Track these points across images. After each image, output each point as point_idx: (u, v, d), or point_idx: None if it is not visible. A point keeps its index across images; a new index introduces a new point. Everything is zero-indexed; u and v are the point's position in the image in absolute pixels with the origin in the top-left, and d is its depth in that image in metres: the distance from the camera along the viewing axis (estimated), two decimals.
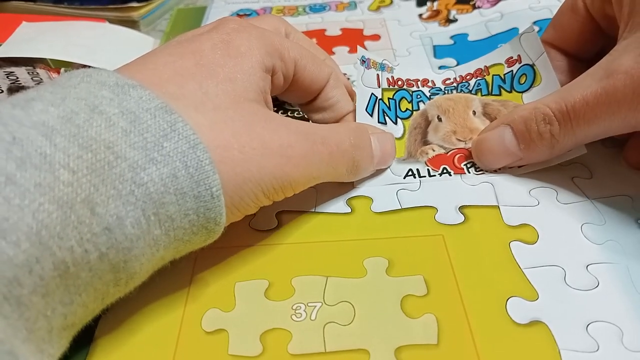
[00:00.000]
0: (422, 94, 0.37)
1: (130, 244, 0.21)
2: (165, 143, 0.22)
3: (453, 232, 0.29)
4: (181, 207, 0.23)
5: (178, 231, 0.23)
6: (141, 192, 0.21)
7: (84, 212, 0.20)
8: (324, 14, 0.52)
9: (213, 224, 0.24)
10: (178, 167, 0.22)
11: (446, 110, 0.35)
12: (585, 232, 0.28)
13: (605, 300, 0.25)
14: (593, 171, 0.32)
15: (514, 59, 0.35)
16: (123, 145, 0.21)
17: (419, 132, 0.35)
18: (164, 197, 0.22)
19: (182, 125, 0.23)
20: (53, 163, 0.19)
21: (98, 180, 0.20)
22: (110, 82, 0.23)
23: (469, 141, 0.34)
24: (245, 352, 0.24)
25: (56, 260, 0.19)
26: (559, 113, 0.29)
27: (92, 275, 0.21)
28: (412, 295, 0.26)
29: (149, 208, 0.22)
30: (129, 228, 0.21)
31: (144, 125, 0.22)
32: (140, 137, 0.22)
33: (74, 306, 0.21)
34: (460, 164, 0.33)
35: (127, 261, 0.22)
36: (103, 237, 0.20)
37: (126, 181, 0.21)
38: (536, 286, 0.26)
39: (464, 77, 0.37)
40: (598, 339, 0.24)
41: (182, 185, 0.22)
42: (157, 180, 0.22)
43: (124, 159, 0.21)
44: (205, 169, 0.23)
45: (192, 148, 0.23)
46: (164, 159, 0.22)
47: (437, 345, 0.24)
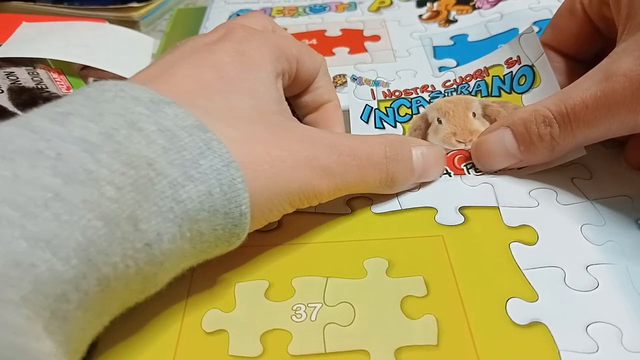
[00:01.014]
0: (422, 99, 0.37)
1: (164, 259, 0.22)
2: (201, 161, 0.22)
3: (453, 233, 0.29)
4: (212, 223, 0.23)
5: (204, 244, 0.23)
6: (180, 209, 0.22)
7: (128, 228, 0.20)
8: (324, 15, 0.52)
9: (236, 239, 0.25)
10: (213, 185, 0.22)
11: (446, 113, 0.35)
12: (585, 233, 0.28)
13: (605, 301, 0.25)
14: (593, 172, 0.32)
15: (513, 59, 0.35)
16: (163, 163, 0.21)
17: (418, 134, 0.35)
18: (198, 214, 0.22)
19: (217, 144, 0.23)
20: (98, 179, 0.20)
21: (141, 197, 0.21)
22: (145, 98, 0.23)
23: (468, 143, 0.34)
24: (246, 353, 0.24)
25: (100, 276, 0.20)
26: (559, 115, 0.29)
27: (125, 289, 0.21)
28: (412, 296, 0.26)
29: (185, 224, 0.22)
30: (166, 244, 0.21)
31: (181, 143, 0.22)
32: (179, 154, 0.22)
33: (104, 317, 0.21)
34: (460, 164, 0.33)
35: (158, 274, 0.22)
36: (143, 253, 0.21)
37: (167, 198, 0.21)
38: (536, 287, 0.26)
39: (464, 78, 0.37)
40: (598, 339, 0.24)
41: (215, 203, 0.23)
42: (194, 197, 0.22)
43: (165, 176, 0.21)
44: (237, 187, 0.23)
45: (226, 166, 0.23)
46: (201, 177, 0.22)
47: (437, 346, 0.24)
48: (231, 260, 0.28)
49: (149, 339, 0.25)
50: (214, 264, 0.28)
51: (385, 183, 0.30)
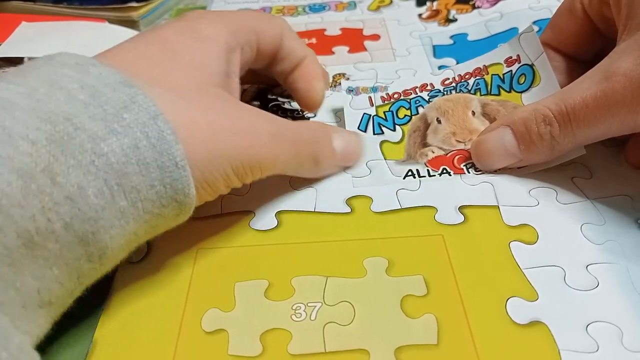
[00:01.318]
0: (421, 99, 0.37)
1: (96, 214, 0.21)
2: (125, 114, 0.22)
3: (453, 232, 0.29)
4: (145, 177, 0.23)
5: (146, 203, 0.23)
6: (102, 162, 0.21)
7: (44, 181, 0.20)
8: (323, 14, 0.52)
9: (182, 196, 0.24)
10: (139, 138, 0.22)
11: (445, 112, 0.35)
12: (585, 232, 0.28)
13: (605, 300, 0.25)
14: (593, 171, 0.32)
15: (513, 58, 0.35)
16: (82, 117, 0.21)
17: (418, 135, 0.35)
18: (126, 168, 0.22)
19: (143, 98, 0.23)
20: (12, 135, 0.20)
21: (57, 150, 0.21)
22: (71, 61, 0.23)
23: (468, 142, 0.34)
24: (245, 352, 0.24)
25: (19, 229, 0.19)
26: (559, 114, 0.29)
27: (60, 247, 0.21)
28: (411, 295, 0.26)
29: (112, 178, 0.22)
30: (92, 198, 0.21)
31: (104, 98, 0.22)
32: (100, 109, 0.22)
33: (47, 281, 0.21)
34: (460, 164, 0.33)
35: (95, 233, 0.22)
36: (65, 207, 0.21)
37: (86, 151, 0.21)
38: (536, 286, 0.26)
39: (463, 76, 0.37)
40: (598, 339, 0.24)
41: (144, 156, 0.22)
42: (117, 150, 0.22)
43: (84, 130, 0.21)
44: (167, 139, 0.23)
45: (152, 119, 0.23)
46: (124, 130, 0.22)
47: (437, 345, 0.24)
48: (231, 260, 0.28)
49: (148, 338, 0.25)
50: (214, 263, 0.28)
51: (313, 162, 0.31)
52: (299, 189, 0.32)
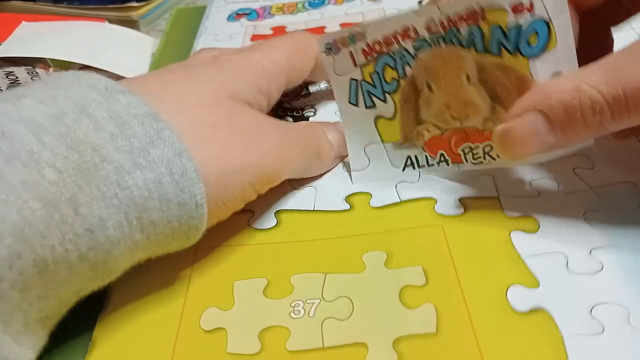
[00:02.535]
0: (407, 53, 0.31)
1: (111, 246, 0.22)
2: (151, 149, 0.22)
3: (453, 223, 0.29)
4: (165, 213, 0.23)
5: (159, 236, 0.23)
6: (125, 196, 0.22)
7: (67, 211, 0.20)
8: (323, 9, 0.52)
9: (194, 231, 0.24)
10: (163, 174, 0.22)
11: (436, 75, 0.30)
12: (588, 219, 0.28)
13: (610, 282, 0.25)
14: (595, 161, 0.31)
15: (523, 5, 0.26)
16: (110, 149, 0.22)
17: (410, 108, 0.32)
18: (147, 202, 0.22)
19: (169, 133, 0.23)
20: (40, 161, 0.20)
21: (83, 181, 0.21)
22: (100, 86, 0.23)
23: (464, 119, 0.30)
24: (244, 350, 0.24)
25: (37, 258, 0.20)
26: (613, 100, 0.22)
27: (71, 274, 0.21)
28: (410, 286, 0.26)
29: (132, 212, 0.22)
30: (111, 230, 0.21)
31: (132, 130, 0.22)
32: (127, 141, 0.22)
33: (50, 300, 0.21)
34: (457, 148, 0.30)
35: (106, 262, 0.22)
36: (85, 238, 0.21)
37: (111, 184, 0.21)
38: (537, 274, 0.25)
39: (453, 20, 0.29)
40: (603, 321, 0.23)
41: (166, 192, 0.23)
42: (141, 184, 0.22)
43: (110, 162, 0.21)
44: (190, 176, 0.23)
45: (177, 155, 0.23)
46: (149, 165, 0.22)
47: (436, 334, 0.24)
48: (230, 258, 0.28)
49: (147, 337, 0.25)
50: (213, 262, 0.28)
51: (317, 156, 0.32)
52: (299, 188, 0.32)
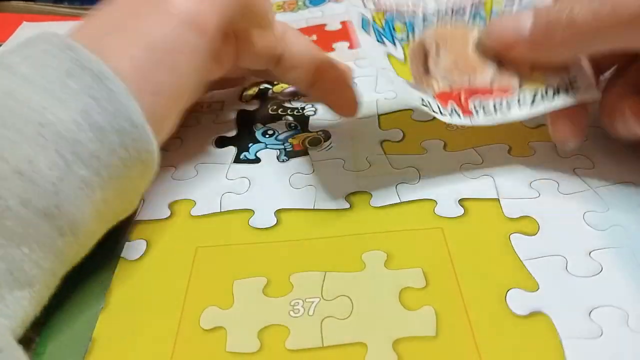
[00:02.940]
0: (416, 19, 0.32)
1: (53, 187, 0.21)
2: (69, 80, 0.22)
3: (452, 225, 0.29)
4: (103, 144, 0.22)
5: (110, 169, 0.22)
6: (50, 132, 0.21)
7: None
8: (323, 7, 0.52)
9: (145, 153, 0.23)
10: (87, 103, 0.22)
11: (444, 40, 0.31)
12: (588, 220, 0.28)
13: (609, 284, 0.25)
14: (595, 161, 0.32)
15: None
16: (23, 90, 0.21)
17: (419, 61, 0.31)
18: (78, 135, 0.21)
19: (87, 59, 0.22)
20: None
21: (1, 126, 0.20)
22: (27, 38, 0.23)
23: (472, 75, 0.30)
24: (243, 349, 0.24)
25: None
26: None
27: (22, 224, 0.20)
28: (410, 288, 0.26)
29: (63, 148, 0.21)
30: (45, 170, 0.21)
31: (47, 68, 0.22)
32: (43, 79, 0.21)
33: (17, 261, 0.21)
34: (468, 102, 0.29)
35: (59, 206, 0.21)
36: (17, 182, 0.20)
37: (31, 123, 0.21)
38: (537, 277, 0.25)
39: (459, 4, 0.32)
40: (602, 323, 0.23)
41: (97, 121, 0.22)
42: (65, 118, 0.21)
43: (25, 102, 0.21)
44: (119, 99, 0.22)
45: (98, 80, 0.22)
46: (69, 97, 0.21)
47: (436, 336, 0.24)
48: (230, 257, 0.28)
49: (147, 335, 0.25)
50: (212, 261, 0.28)
51: None
52: (299, 187, 0.32)
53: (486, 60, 0.30)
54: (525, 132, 0.34)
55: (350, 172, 0.33)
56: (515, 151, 0.33)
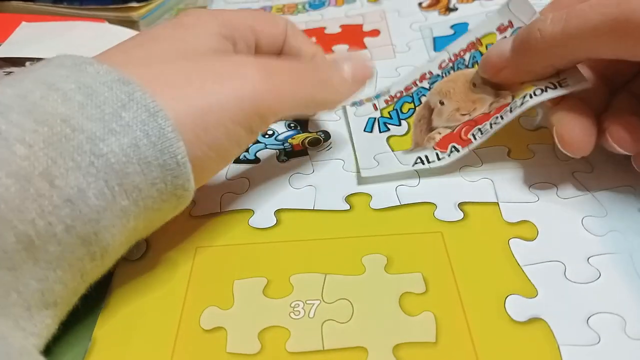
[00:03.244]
0: (423, 89, 0.36)
1: (97, 215, 0.21)
2: (123, 113, 0.22)
3: (452, 229, 0.29)
4: (147, 176, 0.23)
5: (147, 200, 0.23)
6: (101, 163, 0.21)
7: (42, 185, 0.20)
8: (323, 11, 0.52)
9: (182, 190, 0.24)
10: (139, 137, 0.22)
11: (447, 93, 0.34)
12: (586, 225, 0.28)
13: (607, 291, 0.25)
14: (594, 165, 0.32)
15: (504, 25, 0.34)
16: (80, 118, 0.21)
17: (424, 123, 0.34)
18: (127, 168, 0.22)
19: (141, 95, 0.23)
20: (8, 138, 0.20)
21: (55, 153, 0.21)
22: (68, 62, 0.23)
23: (473, 112, 0.32)
24: (244, 350, 0.24)
25: (18, 233, 0.20)
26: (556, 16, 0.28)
27: (62, 249, 0.21)
28: (410, 293, 0.26)
29: (112, 179, 0.22)
30: (93, 199, 0.21)
31: (101, 97, 0.22)
32: (97, 109, 0.22)
33: (50, 283, 0.21)
34: (467, 135, 0.32)
35: (97, 233, 0.22)
36: (66, 209, 0.21)
37: (84, 153, 0.21)
38: (535, 283, 0.26)
39: (458, 54, 0.36)
40: (599, 330, 0.23)
41: (145, 155, 0.22)
42: (117, 150, 0.22)
43: (81, 131, 0.21)
44: (168, 136, 0.23)
45: (152, 116, 0.23)
46: (123, 129, 0.22)
47: (436, 343, 0.24)
48: (230, 257, 0.28)
49: (147, 336, 0.25)
50: (213, 261, 0.28)
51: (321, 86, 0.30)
52: (299, 187, 0.32)
53: (485, 92, 0.33)
54: (525, 134, 0.34)
55: (350, 173, 0.33)
56: (514, 154, 0.33)
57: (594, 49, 0.27)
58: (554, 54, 0.28)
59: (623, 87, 0.32)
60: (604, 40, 0.26)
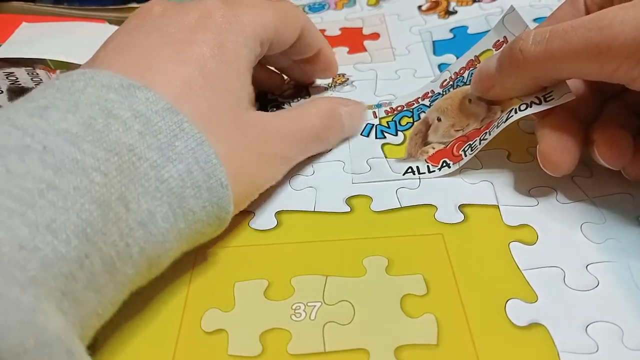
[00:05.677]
0: (424, 106, 0.37)
1: (163, 238, 0.23)
2: (176, 142, 0.24)
3: (453, 231, 0.29)
4: (198, 200, 0.25)
5: (198, 224, 0.25)
6: (165, 188, 0.23)
7: (119, 209, 0.22)
8: (323, 14, 0.52)
9: (224, 213, 0.26)
10: (191, 163, 0.24)
11: (445, 110, 0.35)
12: (585, 232, 0.28)
13: (605, 299, 0.25)
14: (593, 170, 0.32)
15: (500, 41, 0.35)
16: (142, 147, 0.23)
17: (419, 137, 0.35)
18: (184, 192, 0.24)
19: (188, 126, 0.25)
20: (85, 167, 0.21)
21: (127, 180, 0.22)
22: (115, 84, 0.24)
23: (466, 128, 0.33)
24: (245, 352, 0.24)
25: (103, 255, 0.21)
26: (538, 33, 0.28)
27: (134, 273, 0.23)
28: (411, 295, 0.26)
29: (174, 202, 0.24)
30: (160, 222, 0.23)
31: (156, 127, 0.24)
32: (155, 138, 0.24)
33: (115, 305, 0.23)
34: (459, 151, 0.33)
35: (161, 256, 0.24)
36: (140, 232, 0.22)
37: (150, 179, 0.23)
38: (535, 288, 0.26)
39: (459, 72, 0.37)
40: (598, 339, 0.24)
41: (197, 179, 0.24)
42: (176, 176, 0.24)
43: (145, 159, 0.23)
44: (213, 162, 0.25)
45: (199, 145, 0.25)
46: (178, 157, 0.24)
47: (437, 345, 0.24)
48: (231, 259, 0.29)
49: (148, 338, 0.25)
50: (214, 263, 0.28)
51: (322, 146, 0.34)
52: (299, 188, 0.32)
53: (479, 107, 0.34)
54: (524, 138, 0.34)
55: (350, 175, 0.33)
56: (514, 157, 0.33)
57: (576, 71, 0.28)
58: (535, 73, 0.29)
59: (616, 97, 0.32)
60: (585, 63, 0.26)
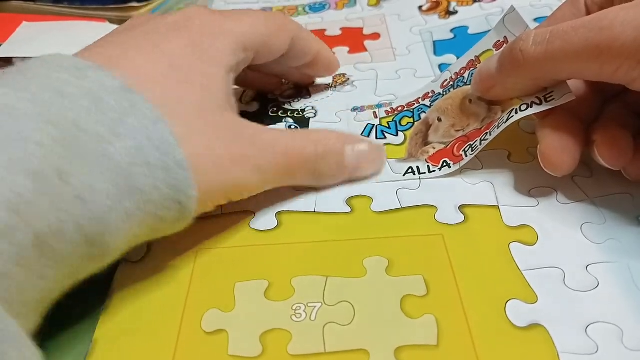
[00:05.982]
0: (424, 106, 0.37)
1: (104, 215, 0.22)
2: (127, 119, 0.23)
3: (453, 232, 0.29)
4: (149, 178, 0.23)
5: (149, 205, 0.23)
6: (110, 164, 0.22)
7: (56, 182, 0.21)
8: (323, 14, 0.52)
9: (184, 197, 0.24)
10: (142, 140, 0.23)
11: (445, 110, 0.35)
12: (585, 232, 0.28)
13: (605, 300, 0.25)
14: (593, 170, 0.32)
15: (501, 41, 0.34)
16: (88, 121, 0.22)
17: (420, 137, 0.35)
18: (131, 168, 0.23)
19: (144, 105, 0.24)
20: (20, 139, 0.20)
21: (66, 152, 0.21)
22: (68, 64, 0.24)
23: (466, 128, 0.33)
24: (245, 353, 0.24)
25: (35, 231, 0.20)
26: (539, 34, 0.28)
27: (67, 248, 0.21)
28: (412, 296, 0.26)
29: (119, 179, 0.22)
30: (103, 199, 0.22)
31: (106, 105, 0.23)
32: (103, 115, 0.23)
33: (49, 282, 0.21)
34: (459, 151, 0.33)
35: (103, 234, 0.22)
36: (77, 207, 0.21)
37: (94, 153, 0.22)
38: (535, 288, 0.26)
39: (459, 73, 0.37)
40: (597, 340, 0.24)
41: (148, 157, 0.23)
42: (123, 152, 0.23)
43: (90, 133, 0.22)
44: (170, 141, 0.24)
45: (154, 124, 0.24)
46: (127, 133, 0.23)
47: (437, 346, 0.24)
48: (231, 260, 0.28)
49: (148, 338, 0.25)
50: (214, 264, 0.28)
51: (312, 178, 0.31)
52: (299, 189, 0.32)
53: (479, 108, 0.33)
54: (525, 138, 0.34)
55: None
56: (514, 157, 0.33)
57: (576, 72, 0.28)
58: (536, 73, 0.29)
59: (616, 97, 0.32)
60: (585, 64, 0.26)
